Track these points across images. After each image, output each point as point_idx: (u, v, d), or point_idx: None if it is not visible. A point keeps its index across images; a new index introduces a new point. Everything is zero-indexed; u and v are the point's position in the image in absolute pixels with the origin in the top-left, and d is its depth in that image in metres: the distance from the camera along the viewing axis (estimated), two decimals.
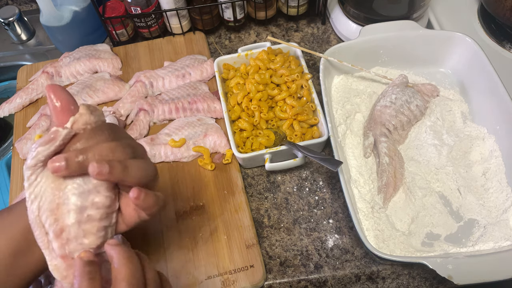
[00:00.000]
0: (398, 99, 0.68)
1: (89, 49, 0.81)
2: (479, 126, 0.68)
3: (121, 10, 0.81)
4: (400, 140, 0.69)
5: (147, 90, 0.77)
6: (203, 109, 0.73)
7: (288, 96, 0.69)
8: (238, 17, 0.84)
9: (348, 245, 0.63)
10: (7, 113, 0.77)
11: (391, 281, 0.61)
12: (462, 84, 0.73)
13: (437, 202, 0.62)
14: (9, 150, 0.86)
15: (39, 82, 0.79)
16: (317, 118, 0.68)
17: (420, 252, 0.58)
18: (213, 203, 0.65)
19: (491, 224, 0.60)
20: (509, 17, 0.75)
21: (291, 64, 0.73)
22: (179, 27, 0.84)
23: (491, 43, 0.81)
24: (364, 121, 0.71)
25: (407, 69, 0.76)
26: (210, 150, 0.70)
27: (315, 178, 0.69)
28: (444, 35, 0.73)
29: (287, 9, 0.85)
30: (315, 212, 0.65)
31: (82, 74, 0.80)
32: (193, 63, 0.79)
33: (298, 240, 0.63)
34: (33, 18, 0.95)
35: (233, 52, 0.81)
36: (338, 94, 0.74)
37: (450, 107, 0.71)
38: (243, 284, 0.59)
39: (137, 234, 0.64)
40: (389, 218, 0.61)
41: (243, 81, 0.71)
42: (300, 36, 0.87)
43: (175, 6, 0.79)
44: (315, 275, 0.61)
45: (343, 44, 0.72)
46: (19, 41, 0.95)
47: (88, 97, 0.76)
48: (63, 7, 0.81)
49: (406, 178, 0.64)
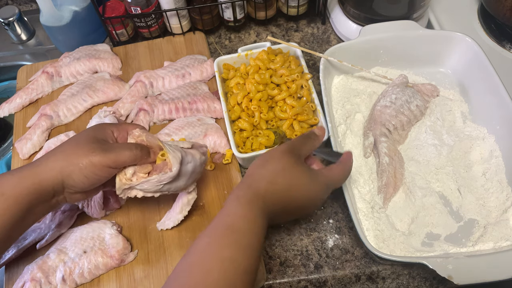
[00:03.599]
0: (398, 99, 0.68)
1: (89, 49, 0.81)
2: (479, 126, 0.68)
3: (121, 10, 0.81)
4: (400, 140, 0.69)
5: (147, 90, 0.77)
6: (203, 109, 0.73)
7: (288, 96, 0.69)
8: (238, 17, 0.84)
9: (348, 245, 0.63)
10: (7, 113, 0.77)
11: (391, 281, 0.61)
12: (462, 84, 0.73)
13: (437, 202, 0.62)
14: (9, 150, 0.86)
15: (39, 82, 0.79)
16: (317, 118, 0.68)
17: (420, 252, 0.58)
18: (213, 203, 0.65)
19: (491, 224, 0.60)
20: (509, 17, 0.75)
21: (291, 64, 0.73)
22: (179, 27, 0.84)
23: (491, 43, 0.81)
24: (364, 121, 0.71)
25: (407, 69, 0.76)
26: (210, 150, 0.70)
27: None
28: (444, 35, 0.73)
29: (287, 9, 0.85)
30: (315, 212, 0.65)
31: (82, 74, 0.80)
32: (193, 63, 0.79)
33: (298, 240, 0.63)
34: (33, 18, 0.95)
35: (233, 52, 0.81)
36: (338, 94, 0.74)
37: (450, 107, 0.71)
38: None
39: (138, 234, 0.64)
40: (389, 218, 0.61)
41: (243, 81, 0.71)
42: (300, 36, 0.87)
43: (175, 6, 0.79)
44: (315, 275, 0.61)
45: (343, 44, 0.72)
46: (19, 41, 0.95)
47: (88, 97, 0.76)
48: (63, 7, 0.81)
49: (406, 178, 0.64)
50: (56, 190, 0.50)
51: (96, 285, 0.60)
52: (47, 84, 0.79)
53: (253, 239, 0.47)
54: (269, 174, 0.51)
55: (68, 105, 0.75)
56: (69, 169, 0.49)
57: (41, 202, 0.50)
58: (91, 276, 0.59)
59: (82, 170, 0.49)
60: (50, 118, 0.74)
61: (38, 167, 0.49)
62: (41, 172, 0.49)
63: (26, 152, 0.72)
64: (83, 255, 0.59)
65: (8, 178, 0.48)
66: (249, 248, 0.46)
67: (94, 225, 0.63)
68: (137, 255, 0.62)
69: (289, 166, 0.51)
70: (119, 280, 0.60)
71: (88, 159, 0.49)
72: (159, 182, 0.52)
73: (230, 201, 0.49)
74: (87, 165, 0.49)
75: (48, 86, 0.79)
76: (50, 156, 0.50)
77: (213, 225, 0.47)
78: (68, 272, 0.58)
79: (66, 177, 0.49)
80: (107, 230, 0.61)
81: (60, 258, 0.59)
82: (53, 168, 0.49)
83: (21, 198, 0.48)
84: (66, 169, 0.49)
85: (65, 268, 0.58)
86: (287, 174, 0.51)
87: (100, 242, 0.61)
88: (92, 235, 0.61)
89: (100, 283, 0.60)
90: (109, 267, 0.60)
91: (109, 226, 0.62)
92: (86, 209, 0.64)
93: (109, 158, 0.49)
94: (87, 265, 0.59)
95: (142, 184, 0.52)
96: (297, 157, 0.53)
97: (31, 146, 0.72)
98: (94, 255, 0.59)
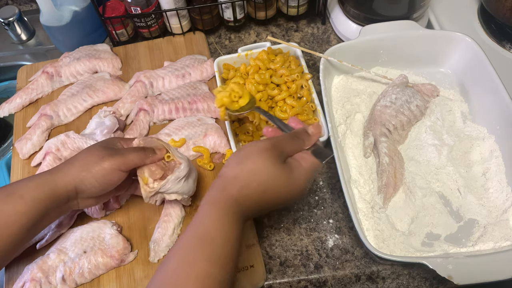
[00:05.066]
0: (398, 99, 0.68)
1: (89, 49, 0.81)
2: (479, 126, 0.68)
3: (121, 10, 0.81)
4: (400, 140, 0.69)
5: (147, 90, 0.77)
6: (203, 109, 0.73)
7: (288, 96, 0.69)
8: (238, 17, 0.84)
9: (348, 245, 0.63)
10: (7, 113, 0.77)
11: (391, 281, 0.61)
12: (462, 84, 0.73)
13: (437, 202, 0.62)
14: (9, 150, 0.86)
15: (39, 82, 0.79)
16: (317, 118, 0.68)
17: (420, 252, 0.58)
18: None
19: (491, 224, 0.60)
20: (509, 17, 0.75)
21: (291, 64, 0.73)
22: (179, 27, 0.84)
23: (491, 43, 0.81)
24: (364, 121, 0.71)
25: (407, 69, 0.76)
26: (210, 150, 0.70)
27: (315, 178, 0.69)
28: (444, 35, 0.73)
29: (287, 9, 0.85)
30: (315, 212, 0.65)
31: (82, 74, 0.80)
32: (193, 63, 0.79)
33: (298, 240, 0.63)
34: (33, 18, 0.95)
35: (233, 52, 0.81)
36: (338, 94, 0.74)
37: (450, 107, 0.71)
38: (243, 284, 0.59)
39: (138, 234, 0.64)
40: (389, 218, 0.61)
41: (243, 81, 0.71)
42: (300, 36, 0.87)
43: (175, 6, 0.79)
44: (315, 275, 0.61)
45: (343, 44, 0.72)
46: (19, 41, 0.95)
47: (88, 97, 0.76)
48: (63, 7, 0.81)
49: (406, 178, 0.64)
50: (70, 195, 0.54)
51: (96, 285, 0.60)
52: (47, 84, 0.79)
53: (229, 248, 0.45)
54: (243, 176, 0.48)
55: (68, 105, 0.75)
56: (81, 175, 0.53)
57: (56, 207, 0.53)
58: (91, 276, 0.59)
59: (94, 175, 0.53)
60: (50, 118, 0.74)
61: (55, 174, 0.53)
62: (57, 178, 0.53)
63: (26, 152, 0.72)
64: (83, 255, 0.59)
65: (28, 183, 0.52)
66: (225, 259, 0.44)
67: (94, 225, 0.63)
68: (137, 255, 0.62)
69: (266, 168, 0.48)
70: (119, 280, 0.60)
71: (99, 164, 0.53)
72: (177, 178, 0.56)
73: (203, 208, 0.47)
74: (98, 170, 0.53)
75: (48, 86, 0.79)
76: (66, 164, 0.55)
77: (186, 236, 0.45)
78: (68, 272, 0.58)
79: (79, 183, 0.53)
80: (107, 230, 0.61)
81: (60, 258, 0.59)
82: (68, 175, 0.53)
83: (39, 202, 0.51)
84: (78, 175, 0.53)
85: (65, 268, 0.58)
86: (263, 176, 0.48)
87: (100, 242, 0.61)
88: (92, 235, 0.61)
89: (100, 283, 0.60)
90: (109, 267, 0.60)
91: (109, 226, 0.62)
92: (86, 209, 0.64)
93: (118, 160, 0.53)
94: (87, 265, 0.59)
95: (164, 186, 0.56)
96: (277, 156, 0.49)
97: (31, 146, 0.72)
98: (94, 255, 0.59)
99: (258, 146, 0.49)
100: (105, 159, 0.53)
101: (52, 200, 0.52)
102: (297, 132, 0.53)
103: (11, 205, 0.50)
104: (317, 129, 0.53)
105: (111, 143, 0.57)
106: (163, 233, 0.61)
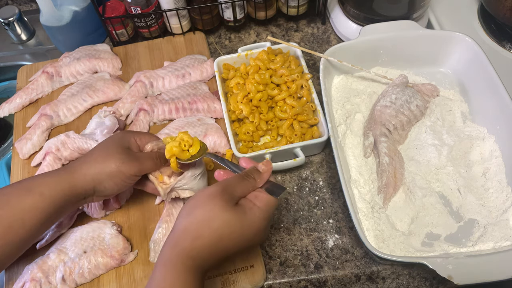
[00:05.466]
0: (398, 99, 0.68)
1: (89, 49, 0.81)
2: (479, 126, 0.68)
3: (121, 10, 0.81)
4: (400, 140, 0.69)
5: (147, 90, 0.77)
6: (203, 109, 0.73)
7: (288, 96, 0.69)
8: (238, 17, 0.84)
9: (348, 245, 0.63)
10: (7, 113, 0.77)
11: (391, 281, 0.61)
12: (462, 84, 0.73)
13: (437, 202, 0.62)
14: (9, 150, 0.86)
15: (39, 82, 0.79)
16: (317, 118, 0.68)
17: (420, 252, 0.58)
18: None
19: (491, 224, 0.60)
20: (509, 17, 0.75)
21: (291, 64, 0.73)
22: (179, 27, 0.84)
23: (491, 43, 0.81)
24: (364, 121, 0.71)
25: (407, 69, 0.76)
26: (210, 150, 0.70)
27: (315, 178, 0.69)
28: (444, 35, 0.73)
29: (287, 9, 0.85)
30: (315, 212, 0.66)
31: (82, 74, 0.80)
32: (193, 63, 0.79)
33: (298, 240, 0.63)
34: (33, 18, 0.95)
35: (233, 52, 0.81)
36: (338, 94, 0.74)
37: (450, 107, 0.71)
38: (243, 284, 0.59)
39: (138, 234, 0.64)
40: (389, 218, 0.61)
41: (243, 81, 0.71)
42: (300, 36, 0.87)
43: (175, 6, 0.79)
44: (315, 275, 0.61)
45: (343, 44, 0.72)
46: (19, 41, 0.95)
47: (88, 97, 0.76)
48: (63, 7, 0.81)
49: (406, 178, 0.64)
50: (87, 194, 0.55)
51: (96, 285, 0.60)
52: (47, 84, 0.79)
53: None
54: (194, 228, 0.46)
55: (68, 105, 0.75)
56: (101, 177, 0.54)
57: (72, 204, 0.55)
58: (91, 276, 0.59)
59: (113, 178, 0.54)
60: (50, 118, 0.74)
61: (74, 173, 0.54)
62: (75, 177, 0.54)
63: (26, 152, 0.72)
64: (83, 255, 0.59)
65: (47, 180, 0.53)
66: None
67: (94, 225, 0.63)
68: (137, 255, 0.62)
69: (217, 214, 0.46)
70: (119, 280, 0.60)
71: (118, 168, 0.54)
72: (193, 174, 0.57)
73: (158, 270, 0.45)
74: (117, 174, 0.54)
75: (48, 86, 0.79)
76: (84, 163, 0.55)
77: None
78: (68, 272, 0.58)
79: (98, 184, 0.55)
80: (107, 230, 0.61)
81: (60, 258, 0.59)
82: (87, 175, 0.54)
83: (57, 199, 0.53)
84: (98, 176, 0.54)
85: (65, 268, 0.58)
86: (215, 224, 0.45)
87: (100, 242, 0.61)
88: (92, 235, 0.61)
89: (100, 283, 0.60)
90: (109, 267, 0.60)
91: (109, 226, 0.62)
92: (86, 209, 0.64)
93: (135, 167, 0.55)
94: (87, 265, 0.59)
95: (180, 181, 0.57)
96: (228, 200, 0.47)
97: (31, 146, 0.72)
98: (94, 255, 0.59)
99: (206, 193, 0.47)
100: (124, 163, 0.54)
101: (70, 197, 0.54)
102: (247, 172, 0.51)
103: (31, 201, 0.51)
104: (267, 165, 0.52)
105: (126, 141, 0.57)
106: (164, 233, 0.61)
